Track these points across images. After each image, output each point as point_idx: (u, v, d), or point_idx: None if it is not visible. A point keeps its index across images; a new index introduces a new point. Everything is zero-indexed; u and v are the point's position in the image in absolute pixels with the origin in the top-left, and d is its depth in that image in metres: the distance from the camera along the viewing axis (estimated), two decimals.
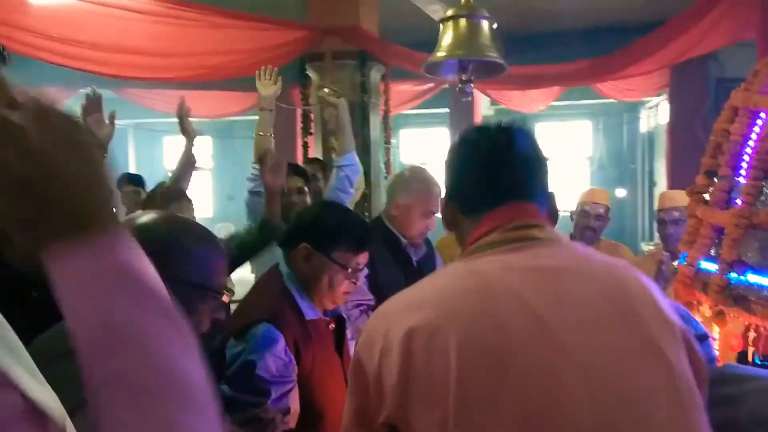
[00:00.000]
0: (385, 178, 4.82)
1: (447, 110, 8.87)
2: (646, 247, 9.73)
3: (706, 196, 1.90)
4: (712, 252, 1.81)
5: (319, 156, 4.46)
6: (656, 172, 10.29)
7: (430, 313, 0.93)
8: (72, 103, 9.26)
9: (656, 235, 10.40)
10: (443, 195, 1.20)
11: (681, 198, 2.81)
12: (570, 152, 11.82)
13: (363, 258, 1.87)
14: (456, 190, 1.14)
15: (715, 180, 1.87)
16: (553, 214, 1.14)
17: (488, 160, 1.09)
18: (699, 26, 4.03)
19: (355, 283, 1.87)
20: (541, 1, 6.41)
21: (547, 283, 0.96)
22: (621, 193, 10.88)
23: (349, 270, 1.80)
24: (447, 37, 2.15)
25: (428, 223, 2.38)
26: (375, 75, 4.56)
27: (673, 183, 6.91)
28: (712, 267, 1.77)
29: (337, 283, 1.79)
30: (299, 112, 7.76)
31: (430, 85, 7.23)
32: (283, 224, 2.59)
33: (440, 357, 0.87)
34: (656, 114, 9.75)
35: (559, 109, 10.06)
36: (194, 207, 2.51)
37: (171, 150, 13.77)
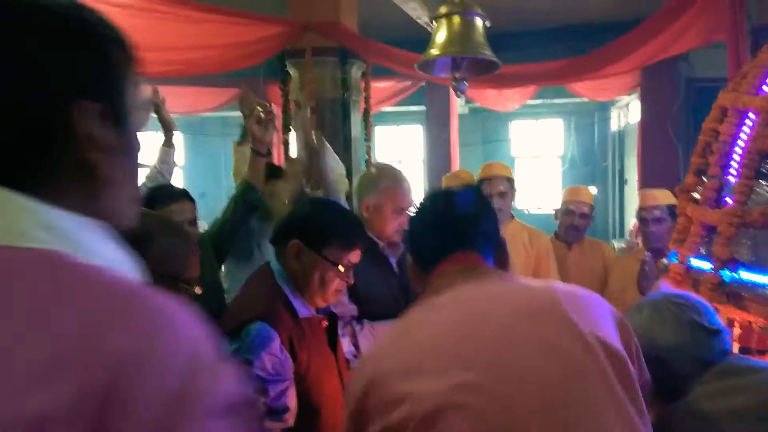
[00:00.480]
0: None
1: (423, 108, 8.88)
2: (617, 244, 9.92)
3: (696, 195, 1.93)
4: (702, 250, 1.84)
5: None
6: (627, 169, 10.48)
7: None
8: None
9: (627, 231, 10.57)
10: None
11: (662, 196, 2.86)
12: (542, 150, 11.96)
13: (355, 256, 1.86)
14: (415, 251, 1.33)
15: (704, 179, 1.90)
16: (503, 260, 1.31)
17: (432, 220, 1.30)
18: (673, 27, 4.10)
19: (347, 282, 1.86)
20: (518, 0, 6.48)
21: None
22: (592, 190, 11.04)
23: (341, 267, 1.78)
24: (440, 35, 2.13)
25: (401, 220, 2.33)
26: (356, 72, 4.54)
27: (644, 180, 7.05)
28: (703, 264, 1.80)
29: (329, 281, 1.78)
30: (277, 112, 7.71)
31: (408, 83, 7.23)
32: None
33: None
34: (627, 113, 9.93)
35: (533, 107, 10.17)
36: (197, 207, 2.45)
37: (143, 148, 13.49)
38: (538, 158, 12.00)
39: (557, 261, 3.04)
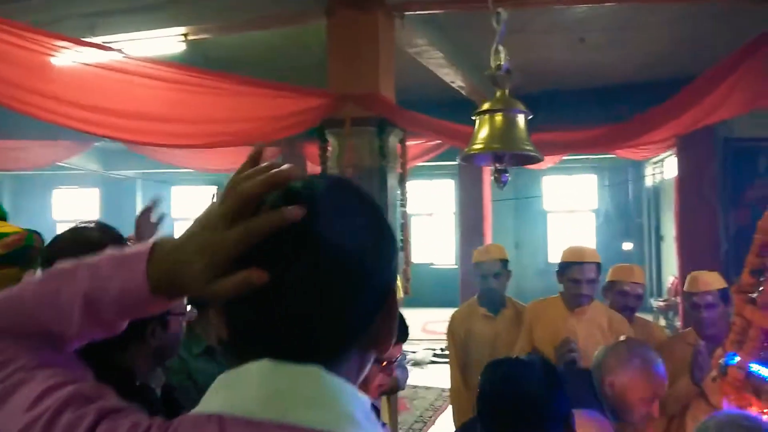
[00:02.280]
0: (401, 241, 4.80)
1: (455, 163, 8.93)
2: (655, 302, 9.67)
3: (753, 296, 1.87)
4: (763, 355, 1.78)
5: None
6: (663, 225, 10.31)
7: None
8: (85, 157, 9.36)
9: (664, 289, 10.30)
10: None
11: (714, 281, 2.79)
12: (576, 205, 11.86)
13: (397, 350, 1.85)
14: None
15: (761, 280, 1.85)
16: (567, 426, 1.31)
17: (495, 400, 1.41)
18: (714, 95, 4.08)
19: (389, 376, 1.84)
20: (550, 61, 6.55)
21: None
22: (627, 246, 10.87)
23: (384, 363, 1.77)
24: (483, 131, 2.16)
25: (651, 409, 1.98)
26: (393, 140, 4.60)
27: (683, 240, 6.92)
28: (764, 371, 1.74)
29: (372, 376, 1.77)
30: (311, 169, 7.83)
31: (440, 141, 7.30)
32: None
33: None
34: (662, 169, 9.83)
35: (566, 162, 10.16)
36: None
37: (178, 199, 13.83)
38: (571, 213, 11.89)
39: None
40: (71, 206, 13.94)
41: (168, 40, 4.87)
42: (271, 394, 0.63)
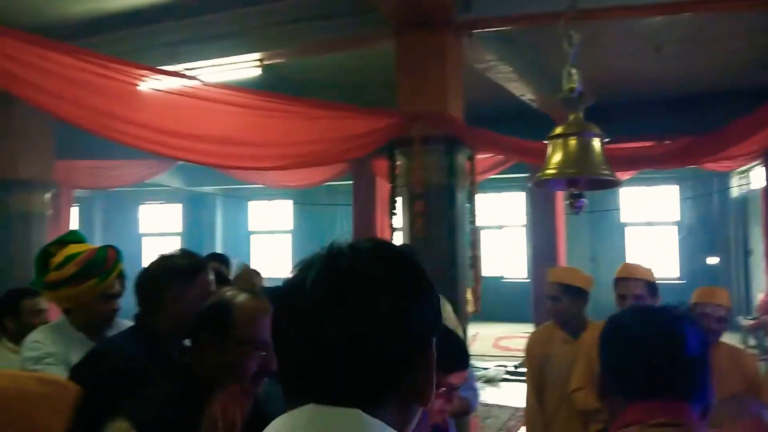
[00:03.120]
0: (471, 258, 4.76)
1: (525, 175, 8.79)
2: (743, 321, 9.11)
3: None
4: None
5: (406, 241, 4.47)
6: (751, 238, 9.73)
7: None
8: (169, 174, 9.87)
9: (753, 306, 9.70)
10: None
11: None
12: (656, 218, 11.38)
13: (456, 378, 1.84)
14: (612, 367, 1.19)
15: None
16: (707, 409, 1.13)
17: (651, 355, 1.13)
18: None
19: (450, 403, 1.84)
20: (624, 71, 6.36)
21: None
22: (712, 261, 10.32)
23: (441, 389, 1.77)
24: (557, 156, 2.11)
25: None
26: (461, 158, 4.59)
27: None
28: None
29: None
30: (380, 185, 7.92)
31: None
32: None
33: None
34: (748, 180, 9.29)
35: (645, 173, 9.77)
36: None
37: (255, 214, 14.30)
38: (651, 226, 11.42)
39: None
40: (156, 221, 14.68)
41: (244, 66, 5.07)
42: None
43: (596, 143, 2.13)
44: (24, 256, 5.99)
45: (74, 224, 9.88)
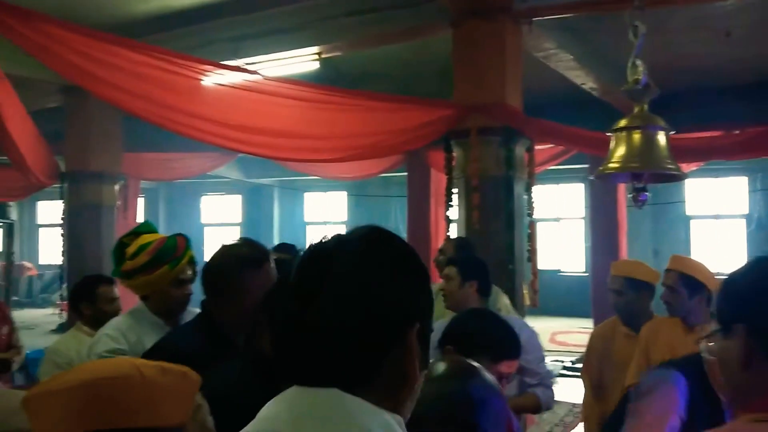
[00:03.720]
0: (528, 251, 4.70)
1: (584, 166, 8.57)
2: None
3: None
4: None
5: (462, 233, 4.45)
6: None
7: None
8: (230, 166, 10.16)
9: None
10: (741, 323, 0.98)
11: None
12: (723, 210, 10.91)
13: (506, 367, 1.83)
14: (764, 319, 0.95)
15: None
16: None
17: None
18: None
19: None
20: (692, 57, 6.10)
21: None
22: None
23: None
24: (620, 149, 2.06)
25: None
26: (519, 149, 4.52)
27: None
28: None
29: None
30: (434, 177, 7.90)
31: None
32: None
33: None
34: None
35: (712, 163, 9.37)
36: None
37: (311, 205, 14.53)
38: (717, 219, 10.95)
39: None
40: (217, 211, 15.11)
41: (304, 59, 5.15)
42: (297, 416, 0.75)
43: (661, 136, 2.06)
44: (95, 244, 6.31)
45: (140, 215, 10.28)
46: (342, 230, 0.85)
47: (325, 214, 14.39)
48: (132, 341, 2.13)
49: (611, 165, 2.08)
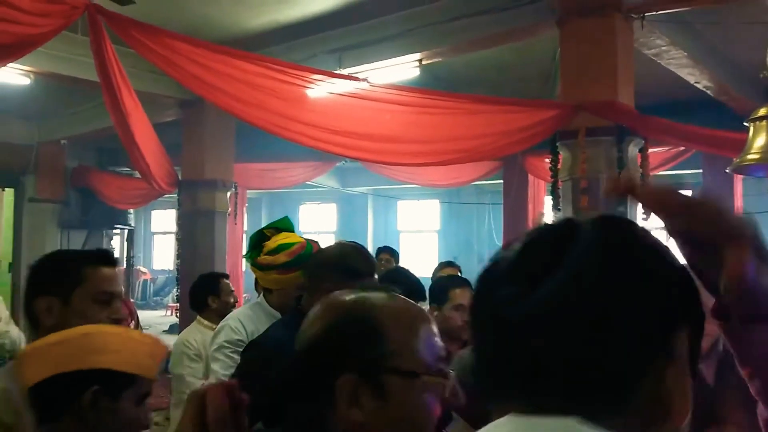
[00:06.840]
0: None
1: (697, 171, 8.07)
2: None
3: None
4: None
5: None
6: None
7: None
8: (327, 175, 10.47)
9: None
10: None
11: None
12: None
13: None
14: None
15: None
16: None
17: None
18: None
19: None
20: None
21: None
22: None
23: None
24: (760, 139, 1.93)
25: None
26: (632, 149, 4.33)
27: None
28: None
29: None
30: (532, 183, 7.73)
31: (682, 148, 6.69)
32: None
33: None
34: None
35: None
36: None
37: (403, 214, 14.65)
38: None
39: None
40: (314, 219, 15.57)
41: (404, 67, 5.22)
42: None
43: None
44: (207, 249, 6.67)
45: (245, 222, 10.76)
46: (434, 239, 0.65)
47: (418, 223, 14.45)
48: (250, 331, 2.26)
49: (750, 156, 1.95)
